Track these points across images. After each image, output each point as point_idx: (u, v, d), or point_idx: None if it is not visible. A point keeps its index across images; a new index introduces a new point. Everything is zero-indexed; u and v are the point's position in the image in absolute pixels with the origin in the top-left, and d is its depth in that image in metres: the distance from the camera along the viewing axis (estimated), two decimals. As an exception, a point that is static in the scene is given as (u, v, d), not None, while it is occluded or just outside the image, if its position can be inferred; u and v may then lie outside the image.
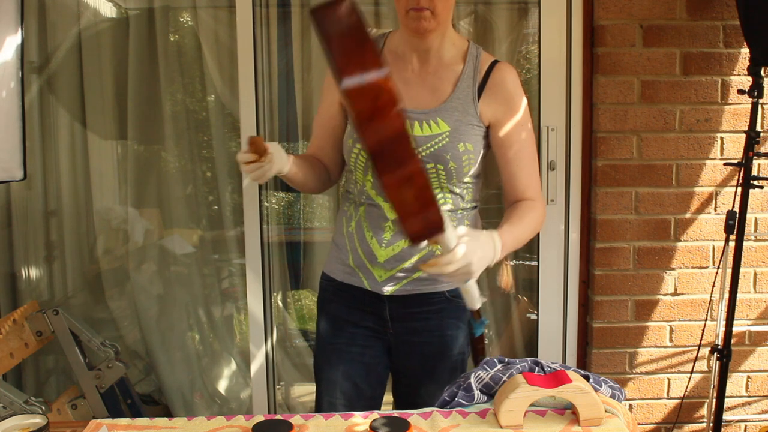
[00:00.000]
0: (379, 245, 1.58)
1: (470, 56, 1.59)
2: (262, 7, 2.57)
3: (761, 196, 2.42)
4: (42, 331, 2.34)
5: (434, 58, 1.58)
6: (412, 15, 1.46)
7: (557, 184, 2.50)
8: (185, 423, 1.30)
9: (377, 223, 1.58)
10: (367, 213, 1.60)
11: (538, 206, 1.59)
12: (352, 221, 1.63)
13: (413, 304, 1.63)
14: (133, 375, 2.78)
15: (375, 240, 1.58)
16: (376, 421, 1.21)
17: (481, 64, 1.59)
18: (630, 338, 2.48)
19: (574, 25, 2.43)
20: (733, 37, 2.35)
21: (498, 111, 1.58)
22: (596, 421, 1.26)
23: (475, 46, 1.62)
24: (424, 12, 1.45)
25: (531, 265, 2.67)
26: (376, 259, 1.59)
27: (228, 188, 2.80)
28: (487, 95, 1.58)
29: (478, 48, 1.62)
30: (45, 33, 2.71)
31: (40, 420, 1.17)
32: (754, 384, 2.53)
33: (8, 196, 2.78)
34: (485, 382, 1.37)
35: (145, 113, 2.76)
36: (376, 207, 1.59)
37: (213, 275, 2.92)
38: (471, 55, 1.60)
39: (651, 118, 2.38)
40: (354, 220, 1.63)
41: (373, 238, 1.58)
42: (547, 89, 2.47)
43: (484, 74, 1.59)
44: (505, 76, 1.59)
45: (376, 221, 1.58)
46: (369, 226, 1.59)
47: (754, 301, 2.48)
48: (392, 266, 1.59)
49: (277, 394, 2.77)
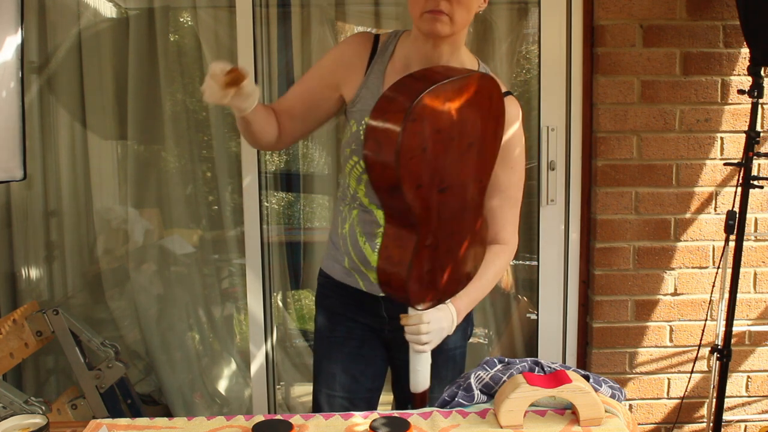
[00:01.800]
0: (372, 251, 1.58)
1: None
2: (262, 7, 2.57)
3: (761, 196, 2.42)
4: (42, 331, 2.34)
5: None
6: (426, 17, 1.40)
7: (557, 184, 2.49)
8: (185, 423, 1.30)
9: (370, 229, 1.58)
10: (359, 217, 1.59)
11: (507, 251, 1.60)
12: (346, 223, 1.62)
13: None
14: (133, 375, 2.77)
15: (368, 245, 1.58)
16: (376, 421, 1.21)
17: None
18: (630, 338, 2.48)
19: (574, 25, 2.43)
20: (733, 37, 2.35)
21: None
22: (596, 421, 1.26)
23: (483, 68, 1.57)
24: (442, 16, 1.40)
25: (531, 265, 2.67)
26: (370, 263, 1.58)
27: (228, 188, 2.80)
28: None
29: (486, 71, 1.57)
30: (45, 33, 2.71)
31: (40, 420, 1.17)
32: (754, 384, 2.53)
33: (8, 196, 2.78)
34: (485, 382, 1.37)
35: (145, 113, 2.75)
36: (369, 213, 1.58)
37: (213, 275, 2.92)
38: None
39: (651, 118, 2.38)
40: (348, 222, 1.62)
41: (366, 244, 1.58)
42: (547, 89, 2.47)
43: None
44: (511, 114, 1.54)
45: (368, 227, 1.58)
46: (362, 231, 1.59)
47: (754, 301, 2.48)
48: None
49: (277, 394, 2.77)
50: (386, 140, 1.17)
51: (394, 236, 1.29)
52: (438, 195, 1.27)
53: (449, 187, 1.29)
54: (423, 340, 1.44)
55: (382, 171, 1.19)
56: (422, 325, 1.43)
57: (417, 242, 1.27)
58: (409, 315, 1.45)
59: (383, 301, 1.63)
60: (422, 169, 1.22)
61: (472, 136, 1.31)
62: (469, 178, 1.34)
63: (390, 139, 1.16)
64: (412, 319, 1.44)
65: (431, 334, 1.45)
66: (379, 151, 1.18)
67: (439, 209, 1.29)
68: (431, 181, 1.24)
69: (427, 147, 1.21)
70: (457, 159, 1.29)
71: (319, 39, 2.70)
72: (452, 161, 1.27)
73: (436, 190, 1.26)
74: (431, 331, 1.45)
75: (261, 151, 2.55)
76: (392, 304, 1.63)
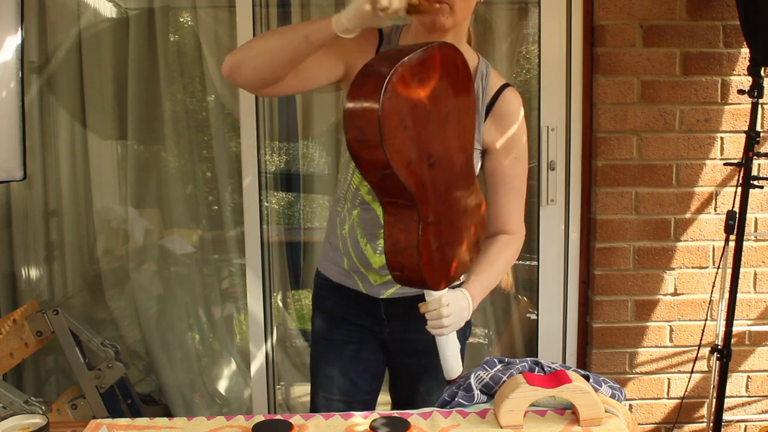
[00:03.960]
0: (374, 252, 1.56)
1: (479, 74, 1.54)
2: (262, 7, 2.57)
3: (761, 196, 2.42)
4: (42, 331, 2.34)
5: None
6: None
7: (557, 184, 2.50)
8: (185, 423, 1.30)
9: (371, 230, 1.56)
10: (360, 218, 1.57)
11: (516, 240, 1.60)
12: (346, 224, 1.60)
13: (409, 304, 1.62)
14: (133, 375, 2.77)
15: (369, 247, 1.57)
16: (376, 421, 1.21)
17: (489, 85, 1.55)
18: (630, 338, 2.48)
19: (574, 25, 2.43)
20: (733, 37, 2.35)
21: (499, 140, 1.56)
22: (596, 421, 1.26)
23: (484, 63, 1.57)
24: (442, 6, 1.38)
25: (531, 265, 2.67)
26: (371, 265, 1.57)
27: (228, 188, 2.80)
28: (491, 121, 1.55)
29: (487, 66, 1.57)
30: (45, 33, 2.71)
31: (40, 420, 1.17)
32: (754, 384, 2.53)
33: (8, 196, 2.78)
34: (485, 382, 1.37)
35: (145, 113, 2.76)
36: (370, 211, 1.56)
37: (213, 275, 2.92)
38: (480, 73, 1.55)
39: (651, 118, 2.38)
40: (347, 223, 1.60)
41: (367, 245, 1.57)
42: (547, 89, 2.47)
43: (492, 97, 1.55)
44: (512, 105, 1.56)
45: (369, 227, 1.56)
46: (363, 233, 1.57)
47: (754, 301, 2.48)
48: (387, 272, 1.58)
49: (277, 394, 2.77)
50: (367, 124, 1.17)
51: (396, 222, 1.29)
52: (429, 170, 1.28)
53: (437, 160, 1.29)
54: (445, 323, 1.39)
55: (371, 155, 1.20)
56: (443, 308, 1.39)
57: (419, 221, 1.27)
58: (426, 302, 1.41)
59: (383, 302, 1.62)
60: (408, 146, 1.22)
61: (447, 106, 1.32)
62: (454, 148, 1.35)
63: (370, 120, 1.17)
64: (431, 305, 1.40)
65: (452, 316, 1.40)
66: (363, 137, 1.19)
67: (433, 184, 1.29)
68: (419, 157, 1.25)
69: (407, 124, 1.22)
70: (439, 131, 1.30)
71: (319, 39, 2.70)
72: (434, 134, 1.29)
73: (426, 165, 1.27)
74: (452, 312, 1.40)
75: (261, 151, 2.55)
76: (391, 305, 1.63)
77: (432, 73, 1.26)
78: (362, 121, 1.18)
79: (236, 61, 1.41)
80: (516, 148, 1.57)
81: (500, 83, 1.57)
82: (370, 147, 1.19)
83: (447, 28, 1.43)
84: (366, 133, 1.18)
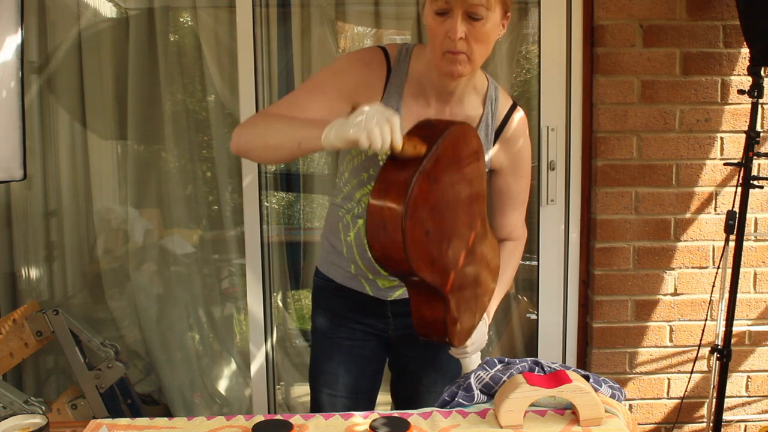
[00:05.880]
0: None
1: (489, 99, 1.55)
2: (262, 7, 2.57)
3: (761, 196, 2.42)
4: (42, 331, 2.34)
5: (455, 101, 1.52)
6: (448, 57, 1.37)
7: (557, 184, 2.50)
8: (185, 423, 1.30)
9: None
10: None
11: (520, 244, 1.71)
12: (351, 232, 1.59)
13: None
14: (133, 375, 2.78)
15: None
16: (376, 421, 1.21)
17: (498, 109, 1.56)
18: (630, 338, 2.48)
19: (574, 25, 2.43)
20: (733, 37, 2.35)
21: (506, 161, 1.59)
22: (596, 421, 1.26)
23: (493, 86, 1.57)
24: (459, 56, 1.37)
25: (531, 265, 2.66)
26: (380, 272, 1.58)
27: (228, 188, 2.80)
28: (501, 144, 1.57)
29: (496, 89, 1.57)
30: (45, 33, 2.71)
31: (40, 420, 1.17)
32: (754, 384, 2.53)
33: (8, 196, 2.78)
34: (485, 382, 1.37)
35: (145, 113, 2.75)
36: None
37: (213, 275, 2.92)
38: (490, 98, 1.55)
39: (651, 118, 2.38)
40: (352, 230, 1.59)
41: None
42: (547, 89, 2.47)
43: (501, 121, 1.56)
44: (520, 127, 1.58)
45: None
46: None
47: (754, 301, 2.48)
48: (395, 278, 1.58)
49: (277, 394, 2.77)
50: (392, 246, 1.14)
51: (422, 301, 1.29)
52: (450, 252, 1.27)
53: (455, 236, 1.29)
54: (469, 351, 1.53)
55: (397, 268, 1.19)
56: (468, 347, 1.51)
57: (445, 302, 1.28)
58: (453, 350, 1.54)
59: (390, 303, 1.63)
60: (431, 248, 1.21)
61: (463, 188, 1.30)
62: (471, 214, 1.34)
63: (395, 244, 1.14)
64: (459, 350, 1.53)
65: (475, 344, 1.53)
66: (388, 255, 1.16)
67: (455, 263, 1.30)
68: (440, 249, 1.24)
69: (428, 229, 1.19)
70: (456, 216, 1.28)
71: (319, 39, 2.70)
72: (452, 222, 1.27)
73: (447, 250, 1.26)
74: (475, 341, 1.52)
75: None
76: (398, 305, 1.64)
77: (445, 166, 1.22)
78: (386, 241, 1.14)
79: (241, 149, 1.42)
80: (522, 167, 1.62)
81: (508, 105, 1.58)
82: (396, 262, 1.17)
83: (465, 75, 1.42)
84: (391, 252, 1.15)
